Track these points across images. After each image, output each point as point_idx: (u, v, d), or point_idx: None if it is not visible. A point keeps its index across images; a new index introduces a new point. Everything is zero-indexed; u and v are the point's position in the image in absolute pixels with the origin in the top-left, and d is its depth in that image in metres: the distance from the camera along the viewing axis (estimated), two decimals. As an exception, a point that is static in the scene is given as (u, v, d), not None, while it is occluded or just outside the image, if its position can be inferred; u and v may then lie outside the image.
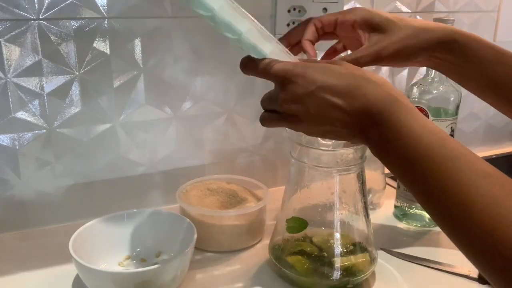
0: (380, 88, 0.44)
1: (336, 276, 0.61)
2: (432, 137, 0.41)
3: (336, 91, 0.44)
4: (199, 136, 0.86)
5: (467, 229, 0.37)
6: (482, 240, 0.36)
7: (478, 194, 0.37)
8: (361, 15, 0.55)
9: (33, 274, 0.66)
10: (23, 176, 0.74)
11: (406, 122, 0.42)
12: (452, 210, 0.38)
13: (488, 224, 0.35)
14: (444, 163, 0.39)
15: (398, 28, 0.53)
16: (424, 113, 0.75)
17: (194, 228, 0.64)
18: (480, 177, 0.38)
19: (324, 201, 0.63)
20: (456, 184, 0.38)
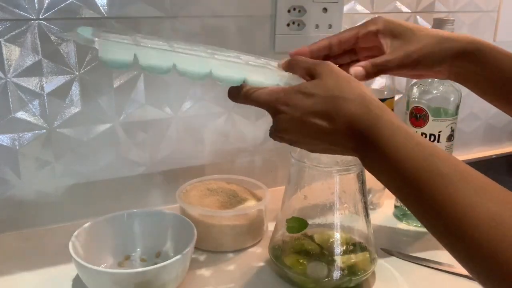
0: (359, 105, 0.44)
1: (337, 276, 0.61)
2: (420, 153, 0.40)
3: (320, 115, 0.45)
4: (199, 136, 0.86)
5: (468, 250, 0.35)
6: (483, 264, 0.34)
7: (474, 211, 0.35)
8: (384, 25, 0.55)
9: (33, 274, 0.66)
10: (23, 176, 0.74)
11: (390, 140, 0.41)
12: (448, 229, 0.37)
13: (490, 246, 0.34)
14: (434, 181, 0.38)
15: (420, 37, 0.54)
16: (424, 113, 0.75)
17: (194, 228, 0.64)
18: (475, 193, 0.36)
19: (324, 201, 0.63)
20: (450, 202, 0.36)
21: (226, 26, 0.81)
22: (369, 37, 0.56)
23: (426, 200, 0.38)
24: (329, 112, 0.44)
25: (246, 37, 0.84)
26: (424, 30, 0.55)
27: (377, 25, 0.55)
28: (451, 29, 0.71)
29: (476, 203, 0.35)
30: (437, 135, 0.75)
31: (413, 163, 0.39)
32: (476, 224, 0.34)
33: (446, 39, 0.54)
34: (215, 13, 0.80)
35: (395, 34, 0.55)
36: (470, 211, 0.35)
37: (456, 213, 0.36)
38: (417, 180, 0.39)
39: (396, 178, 0.41)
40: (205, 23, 0.80)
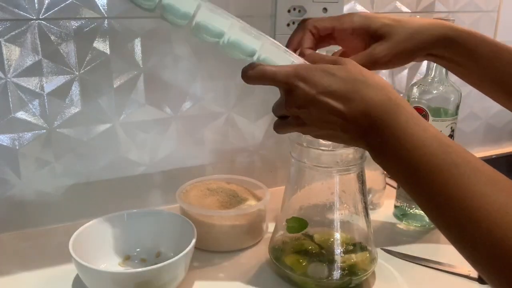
0: (379, 92, 0.44)
1: (337, 276, 0.61)
2: (435, 143, 0.40)
3: (336, 95, 0.44)
4: (199, 136, 0.86)
5: (474, 238, 0.36)
6: (490, 250, 0.35)
7: (485, 202, 0.36)
8: (359, 23, 0.54)
9: (33, 274, 0.66)
10: (23, 176, 0.74)
11: (408, 128, 0.42)
12: (458, 218, 0.37)
13: (497, 234, 0.34)
14: (448, 170, 0.38)
15: (394, 33, 0.53)
16: (424, 113, 0.75)
17: (194, 228, 0.64)
18: (487, 184, 0.37)
19: (324, 201, 0.63)
20: (462, 191, 0.37)
21: (226, 26, 0.81)
22: (345, 34, 0.56)
23: (438, 188, 0.39)
24: (347, 93, 0.44)
25: (246, 37, 0.84)
26: (400, 22, 0.54)
27: (352, 24, 0.55)
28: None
29: (487, 193, 0.36)
30: (437, 135, 0.75)
31: (428, 151, 0.40)
32: (486, 214, 0.35)
33: (417, 31, 0.54)
34: (215, 13, 0.80)
35: (370, 34, 0.54)
36: (481, 201, 0.36)
37: (467, 203, 0.37)
38: (430, 168, 0.39)
39: (408, 166, 0.41)
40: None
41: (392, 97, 0.44)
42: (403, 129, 0.42)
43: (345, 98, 0.44)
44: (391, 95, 0.44)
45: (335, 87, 0.44)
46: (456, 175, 0.38)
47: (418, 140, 0.41)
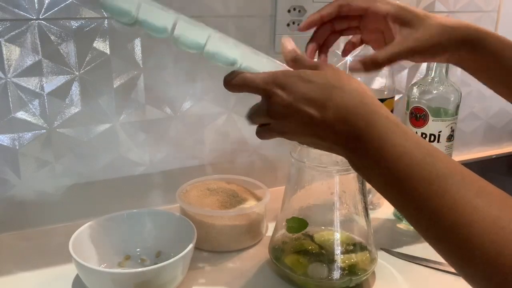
0: (355, 98, 0.42)
1: (337, 275, 0.61)
2: (417, 152, 0.38)
3: (312, 102, 0.43)
4: (199, 136, 0.86)
5: (467, 254, 0.34)
6: (485, 268, 0.33)
7: (477, 216, 0.34)
8: (395, 9, 0.54)
9: (33, 274, 0.66)
10: (23, 176, 0.74)
11: (387, 136, 0.39)
12: (447, 233, 0.35)
13: (491, 250, 0.32)
14: (434, 182, 0.36)
15: (428, 25, 0.53)
16: (424, 113, 0.75)
17: (194, 228, 0.64)
18: (477, 196, 0.35)
19: (324, 201, 0.63)
20: (450, 204, 0.35)
21: (226, 26, 0.81)
22: (378, 17, 0.55)
23: (425, 201, 0.36)
24: (322, 100, 0.42)
25: (246, 37, 0.84)
26: (431, 18, 0.53)
27: (387, 8, 0.54)
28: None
29: (478, 207, 0.34)
30: (437, 135, 0.75)
31: (410, 161, 0.37)
32: (479, 229, 0.33)
33: (450, 28, 0.53)
34: (215, 13, 0.80)
35: (404, 22, 0.53)
36: (473, 216, 0.34)
37: (458, 217, 0.34)
38: (414, 180, 0.37)
39: (389, 176, 0.39)
40: (205, 23, 0.79)
41: (367, 102, 0.42)
42: (383, 139, 0.39)
43: (321, 105, 0.42)
44: (367, 100, 0.42)
45: (312, 94, 0.43)
46: (442, 187, 0.35)
47: (399, 149, 0.38)
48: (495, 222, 0.33)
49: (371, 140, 0.40)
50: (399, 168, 0.38)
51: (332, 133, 0.42)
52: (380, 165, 0.39)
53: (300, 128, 0.45)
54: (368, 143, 0.40)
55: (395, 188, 0.39)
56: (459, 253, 0.35)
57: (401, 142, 0.39)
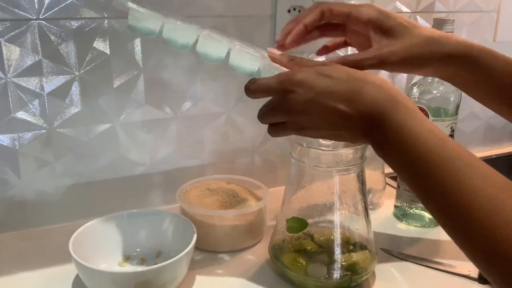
0: (379, 88, 0.44)
1: (336, 275, 0.61)
2: (431, 137, 0.41)
3: (336, 96, 0.44)
4: (199, 136, 0.86)
5: (466, 228, 0.38)
6: (481, 240, 0.37)
7: (476, 195, 0.37)
8: (376, 15, 0.53)
9: (33, 274, 0.66)
10: (23, 176, 0.74)
11: (405, 123, 0.42)
12: (451, 210, 0.39)
13: (487, 225, 0.36)
14: (443, 164, 0.40)
15: (410, 35, 0.52)
16: (424, 113, 0.75)
17: (194, 228, 0.64)
18: (478, 179, 0.38)
19: (324, 201, 0.63)
20: (455, 185, 0.38)
21: (226, 26, 0.81)
22: (360, 23, 0.54)
23: (434, 182, 0.40)
24: (348, 93, 0.44)
25: (246, 37, 0.83)
26: (417, 29, 0.52)
27: (369, 14, 0.53)
28: (451, 29, 0.71)
29: (480, 188, 0.37)
30: (437, 135, 0.75)
31: (424, 146, 0.41)
32: (478, 207, 0.37)
33: (436, 40, 0.52)
34: (215, 13, 0.80)
35: (385, 29, 0.52)
36: (474, 195, 0.37)
37: (461, 196, 0.38)
38: (427, 163, 0.40)
39: (406, 159, 0.42)
40: (205, 23, 0.79)
41: (392, 93, 0.44)
42: (400, 124, 0.42)
43: (346, 98, 0.44)
44: (390, 91, 0.44)
45: (334, 88, 0.44)
46: (450, 170, 0.39)
47: (415, 135, 0.42)
48: (494, 202, 0.37)
49: (393, 128, 0.43)
50: (414, 152, 0.41)
51: (359, 124, 0.45)
52: (398, 149, 0.43)
53: (323, 122, 0.46)
54: (389, 129, 0.43)
55: (410, 170, 0.42)
56: (460, 229, 0.39)
57: (417, 128, 0.42)
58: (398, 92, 0.45)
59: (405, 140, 0.42)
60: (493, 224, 0.36)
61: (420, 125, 0.42)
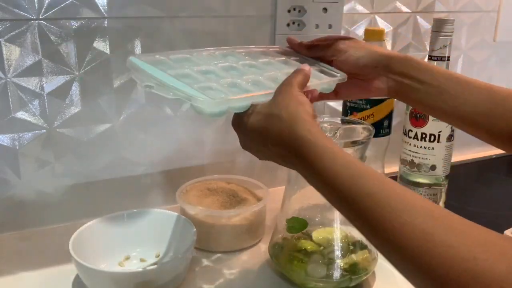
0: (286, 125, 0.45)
1: (336, 275, 0.61)
2: (345, 173, 0.41)
3: (256, 132, 0.47)
4: (199, 136, 0.86)
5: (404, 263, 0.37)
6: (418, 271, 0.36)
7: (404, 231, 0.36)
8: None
9: (33, 274, 0.66)
10: (23, 176, 0.74)
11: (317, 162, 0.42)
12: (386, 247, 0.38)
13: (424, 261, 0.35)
14: (362, 201, 0.39)
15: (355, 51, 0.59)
16: (424, 113, 0.75)
17: (194, 228, 0.64)
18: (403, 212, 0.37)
19: (324, 201, 0.62)
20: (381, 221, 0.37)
21: (226, 26, 0.81)
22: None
23: (361, 219, 0.40)
24: (262, 129, 0.47)
25: (246, 37, 0.84)
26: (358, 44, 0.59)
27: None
28: (451, 29, 0.71)
29: (405, 221, 0.36)
30: (437, 135, 0.75)
31: (340, 183, 0.40)
32: (409, 242, 0.36)
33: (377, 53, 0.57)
34: (215, 13, 0.80)
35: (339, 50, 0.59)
36: (401, 230, 0.36)
37: (389, 233, 0.37)
38: (347, 199, 0.40)
39: (329, 196, 0.43)
40: (205, 23, 0.80)
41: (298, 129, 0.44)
42: (313, 162, 0.43)
43: (262, 134, 0.47)
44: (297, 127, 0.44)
45: (255, 125, 0.47)
46: (372, 206, 0.38)
47: (329, 172, 0.41)
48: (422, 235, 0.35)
49: (306, 165, 0.44)
50: (333, 189, 0.41)
51: (278, 157, 0.47)
52: (319, 186, 0.43)
53: (259, 153, 0.50)
54: (306, 167, 0.44)
55: (336, 205, 0.43)
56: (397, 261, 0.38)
57: (329, 166, 0.42)
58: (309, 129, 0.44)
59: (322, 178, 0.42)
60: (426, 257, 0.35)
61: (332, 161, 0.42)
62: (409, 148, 0.78)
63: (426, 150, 0.76)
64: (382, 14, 0.95)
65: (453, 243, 0.34)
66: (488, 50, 1.11)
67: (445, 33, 0.71)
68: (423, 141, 0.76)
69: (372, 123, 0.77)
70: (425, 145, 0.76)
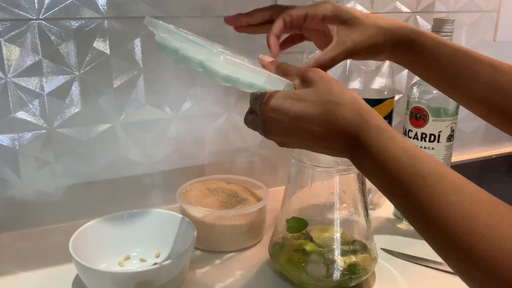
0: (350, 111, 0.45)
1: (336, 275, 0.61)
2: (403, 155, 0.42)
3: (310, 119, 0.46)
4: (199, 136, 0.86)
5: (445, 243, 0.38)
6: (460, 253, 0.37)
7: (450, 210, 0.38)
8: (331, 10, 0.56)
9: (33, 274, 0.66)
10: (23, 176, 0.74)
11: (378, 143, 0.43)
12: (429, 226, 0.40)
13: (464, 239, 0.37)
14: (416, 181, 0.40)
15: (365, 26, 0.55)
16: (424, 113, 0.75)
17: (194, 228, 0.64)
18: (452, 193, 0.39)
19: (324, 201, 0.63)
20: (429, 200, 0.39)
21: (226, 26, 0.81)
22: (316, 20, 0.57)
23: (409, 199, 0.41)
24: (322, 116, 0.46)
25: (246, 37, 0.84)
26: (369, 19, 0.56)
27: (324, 10, 0.56)
28: (451, 29, 0.71)
29: (452, 202, 0.38)
30: (437, 135, 0.75)
31: (396, 164, 0.42)
32: (453, 221, 0.38)
33: (385, 29, 0.56)
34: (215, 13, 0.80)
35: (341, 21, 0.56)
36: (447, 209, 0.38)
37: (435, 211, 0.39)
38: (401, 181, 0.41)
39: (383, 178, 0.43)
40: (205, 23, 0.80)
41: (362, 113, 0.45)
42: (372, 144, 0.43)
43: (319, 120, 0.46)
44: (361, 111, 0.45)
45: (307, 111, 0.46)
46: (422, 186, 0.40)
47: (387, 154, 0.43)
48: (467, 215, 0.37)
49: (365, 148, 0.44)
50: (388, 170, 0.42)
51: (336, 143, 0.46)
52: (375, 168, 0.44)
53: (301, 142, 0.49)
54: (363, 150, 0.44)
55: (387, 187, 0.44)
56: (440, 244, 0.39)
57: (388, 147, 0.43)
58: (368, 111, 0.46)
59: (380, 160, 0.43)
60: (471, 240, 0.36)
61: (391, 143, 0.43)
62: (409, 148, 0.78)
63: (426, 150, 0.76)
64: (382, 14, 0.95)
65: (493, 224, 0.36)
66: (488, 50, 1.11)
67: (445, 33, 0.71)
68: (423, 141, 0.76)
69: (372, 123, 0.77)
70: (425, 145, 0.76)
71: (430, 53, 0.55)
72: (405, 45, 0.55)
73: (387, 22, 0.56)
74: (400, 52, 0.56)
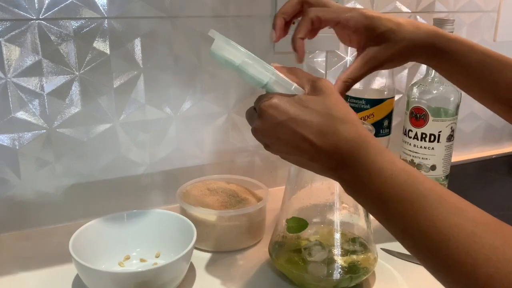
0: (351, 129, 0.44)
1: (336, 275, 0.61)
2: (402, 175, 0.41)
3: (308, 126, 0.44)
4: (199, 136, 0.86)
5: (447, 266, 0.37)
6: (463, 278, 0.36)
7: (452, 231, 0.37)
8: (364, 24, 0.55)
9: (33, 274, 0.66)
10: (23, 176, 0.74)
11: (377, 163, 0.43)
12: (429, 247, 0.38)
13: (467, 262, 0.36)
14: (416, 201, 0.40)
15: (395, 40, 0.54)
16: (424, 113, 0.75)
17: (194, 228, 0.64)
18: (453, 214, 0.38)
19: (324, 201, 0.63)
20: (430, 221, 0.38)
21: (226, 26, 0.81)
22: (347, 30, 0.57)
23: (409, 220, 0.40)
24: (322, 127, 0.44)
25: (246, 37, 0.84)
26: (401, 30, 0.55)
27: (356, 24, 0.55)
28: (451, 29, 0.71)
29: (455, 223, 0.37)
30: (437, 135, 0.75)
31: (396, 183, 0.41)
32: (456, 244, 0.36)
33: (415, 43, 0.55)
34: (215, 13, 0.80)
35: (374, 37, 0.55)
36: (450, 232, 0.37)
37: (437, 233, 0.38)
38: (400, 201, 0.40)
39: (376, 197, 0.42)
40: (205, 23, 0.80)
41: (362, 134, 0.44)
42: (372, 164, 0.43)
43: (317, 131, 0.44)
44: (361, 131, 0.45)
45: (308, 118, 0.45)
46: (423, 206, 0.39)
47: (386, 174, 0.42)
48: (471, 237, 0.36)
49: (364, 167, 0.43)
50: (385, 190, 0.42)
51: (326, 158, 0.45)
52: (369, 188, 0.43)
53: (289, 147, 0.46)
54: (361, 170, 0.43)
55: (381, 208, 0.43)
56: (441, 267, 0.38)
57: (388, 166, 0.42)
58: (368, 133, 0.45)
59: (377, 179, 0.42)
60: (475, 263, 0.35)
61: (391, 163, 0.42)
62: (409, 148, 0.78)
63: (426, 150, 0.76)
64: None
65: (498, 245, 0.35)
66: (488, 50, 1.11)
67: (445, 33, 0.71)
68: (423, 141, 0.76)
69: (372, 123, 0.77)
70: (425, 145, 0.76)
71: (458, 61, 0.55)
72: (432, 52, 0.55)
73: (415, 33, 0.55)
74: (425, 59, 0.57)
